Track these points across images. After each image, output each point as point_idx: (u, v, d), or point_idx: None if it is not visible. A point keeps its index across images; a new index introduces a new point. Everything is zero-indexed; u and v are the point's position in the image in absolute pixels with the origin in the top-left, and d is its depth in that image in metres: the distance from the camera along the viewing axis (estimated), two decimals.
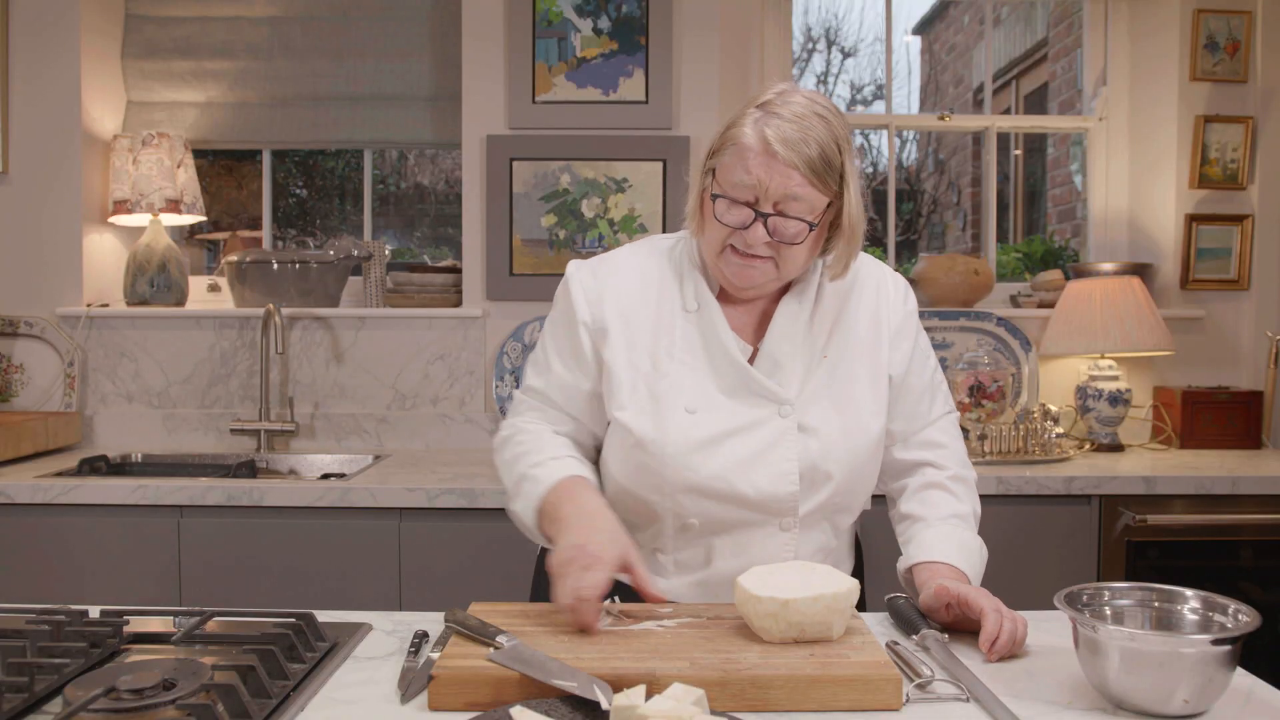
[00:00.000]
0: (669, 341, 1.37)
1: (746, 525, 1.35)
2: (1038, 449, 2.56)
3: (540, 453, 1.36)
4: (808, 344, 1.38)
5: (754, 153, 1.27)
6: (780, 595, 1.12)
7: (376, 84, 2.98)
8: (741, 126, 1.29)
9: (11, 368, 2.85)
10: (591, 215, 2.82)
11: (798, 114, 1.27)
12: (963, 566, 1.34)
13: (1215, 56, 2.94)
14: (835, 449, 1.34)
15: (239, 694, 0.97)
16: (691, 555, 1.38)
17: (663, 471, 1.33)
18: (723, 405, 1.34)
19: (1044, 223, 5.20)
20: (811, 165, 1.26)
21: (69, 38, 2.80)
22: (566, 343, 1.41)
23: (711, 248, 1.34)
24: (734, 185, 1.29)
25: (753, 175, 1.27)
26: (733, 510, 1.34)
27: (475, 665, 1.05)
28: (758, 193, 1.27)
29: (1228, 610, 1.07)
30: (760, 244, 1.29)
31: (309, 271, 2.86)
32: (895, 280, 1.47)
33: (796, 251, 1.31)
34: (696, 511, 1.34)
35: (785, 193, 1.27)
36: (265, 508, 2.23)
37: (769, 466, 1.33)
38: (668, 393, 1.34)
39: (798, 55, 8.94)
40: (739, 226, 1.29)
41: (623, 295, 1.39)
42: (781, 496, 1.33)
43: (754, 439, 1.33)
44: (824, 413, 1.35)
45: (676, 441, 1.32)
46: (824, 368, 1.37)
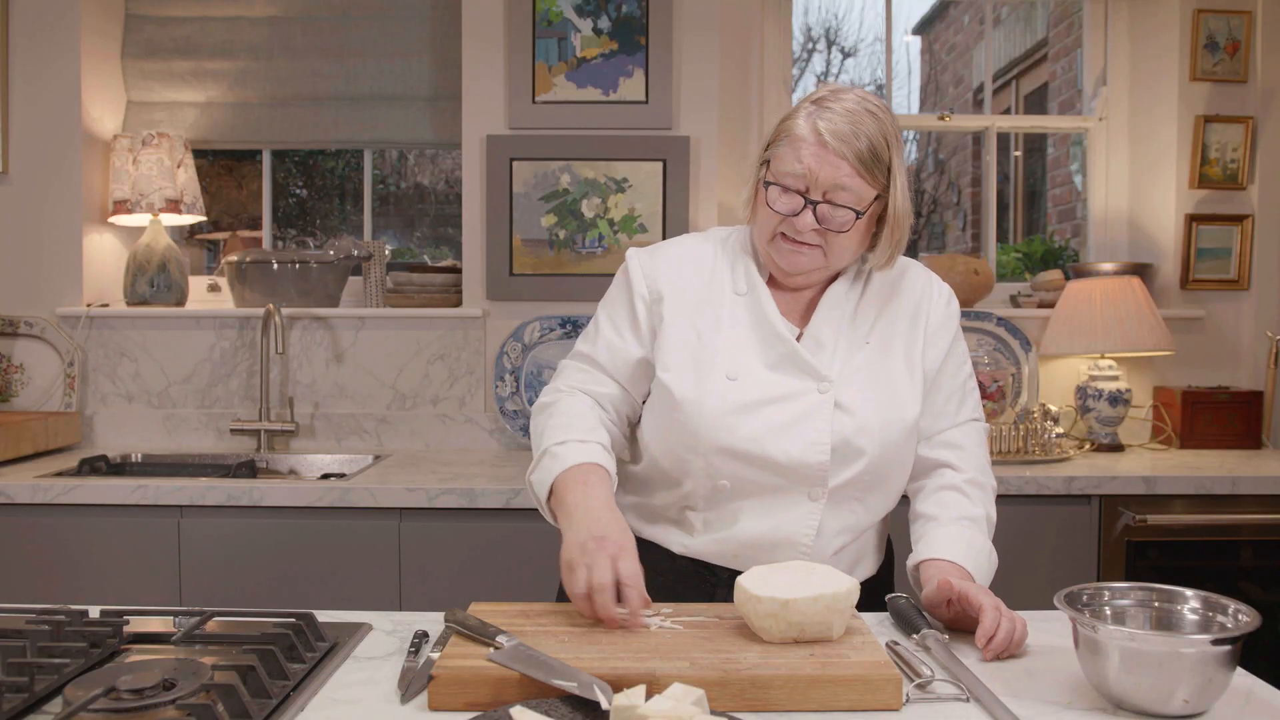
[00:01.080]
0: (716, 317, 1.42)
1: (776, 491, 1.38)
2: (1038, 449, 2.56)
3: (570, 430, 1.38)
4: (851, 330, 1.43)
5: (806, 143, 1.33)
6: (780, 595, 1.12)
7: (376, 84, 2.98)
8: (796, 119, 1.36)
9: (11, 368, 2.85)
10: (591, 215, 2.82)
11: (849, 109, 1.34)
12: (968, 566, 1.34)
13: (1215, 56, 2.94)
14: (870, 427, 1.38)
15: (239, 694, 0.97)
16: (719, 515, 1.41)
17: (699, 431, 1.37)
18: (764, 376, 1.39)
19: (1044, 223, 5.20)
20: (860, 157, 1.32)
21: (69, 38, 2.80)
22: (620, 309, 1.47)
23: (763, 234, 1.40)
24: (786, 174, 1.35)
25: (804, 164, 1.33)
26: (763, 474, 1.37)
27: (475, 665, 1.05)
28: (808, 182, 1.33)
29: (1228, 610, 1.07)
30: (809, 230, 1.34)
31: (309, 271, 2.86)
32: (941, 286, 1.52)
33: (844, 240, 1.36)
34: (729, 473, 1.37)
35: (834, 182, 1.33)
36: (265, 508, 2.23)
37: (802, 435, 1.36)
38: (711, 360, 1.39)
39: (798, 55, 8.93)
40: (789, 213, 1.35)
41: (677, 273, 1.46)
42: (811, 464, 1.36)
43: (791, 408, 1.37)
44: (861, 393, 1.39)
45: (714, 404, 1.37)
46: (864, 352, 1.42)
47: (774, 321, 1.40)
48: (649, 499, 1.48)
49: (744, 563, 1.39)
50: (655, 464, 1.44)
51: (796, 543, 1.39)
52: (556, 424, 1.40)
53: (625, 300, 1.47)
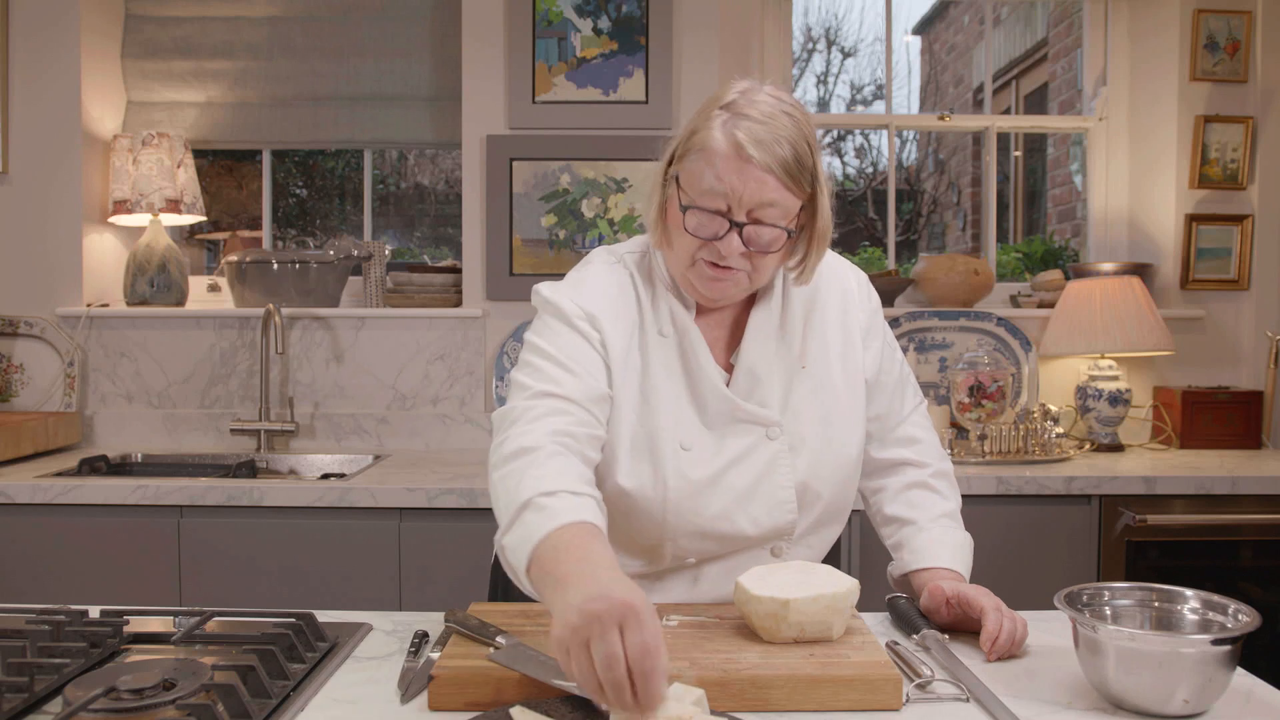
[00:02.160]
0: (656, 371, 1.29)
1: (740, 553, 1.33)
2: (1038, 449, 2.56)
3: (558, 481, 1.10)
4: (782, 354, 1.33)
5: (724, 157, 1.19)
6: (780, 595, 1.12)
7: (376, 84, 2.98)
8: (709, 130, 1.21)
9: (11, 368, 2.85)
10: (591, 215, 2.82)
11: (766, 114, 1.20)
12: (959, 568, 1.34)
13: (1215, 56, 2.94)
14: (823, 467, 1.32)
15: (239, 694, 0.97)
16: (678, 580, 1.36)
17: (664, 518, 1.28)
18: (707, 436, 1.29)
19: (1044, 223, 5.20)
20: (786, 167, 1.19)
21: (69, 38, 2.80)
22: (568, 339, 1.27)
23: (681, 261, 1.26)
24: (704, 194, 1.20)
25: (724, 182, 1.19)
26: (733, 545, 1.32)
27: (475, 665, 1.05)
28: (730, 201, 1.20)
29: (1228, 610, 1.07)
30: (735, 255, 1.21)
31: (309, 271, 2.86)
32: (857, 276, 1.43)
33: (770, 260, 1.25)
34: (696, 550, 1.32)
35: (760, 199, 1.19)
36: (265, 508, 2.23)
37: (767, 497, 1.30)
38: (659, 430, 1.27)
39: (798, 55, 8.94)
40: (712, 239, 1.21)
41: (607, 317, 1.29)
42: (782, 527, 1.32)
43: (749, 469, 1.29)
44: (810, 428, 1.32)
45: (677, 486, 1.26)
46: (802, 380, 1.33)
47: (708, 371, 1.28)
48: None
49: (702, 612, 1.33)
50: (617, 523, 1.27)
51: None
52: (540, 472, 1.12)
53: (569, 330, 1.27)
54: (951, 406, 2.75)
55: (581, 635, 0.90)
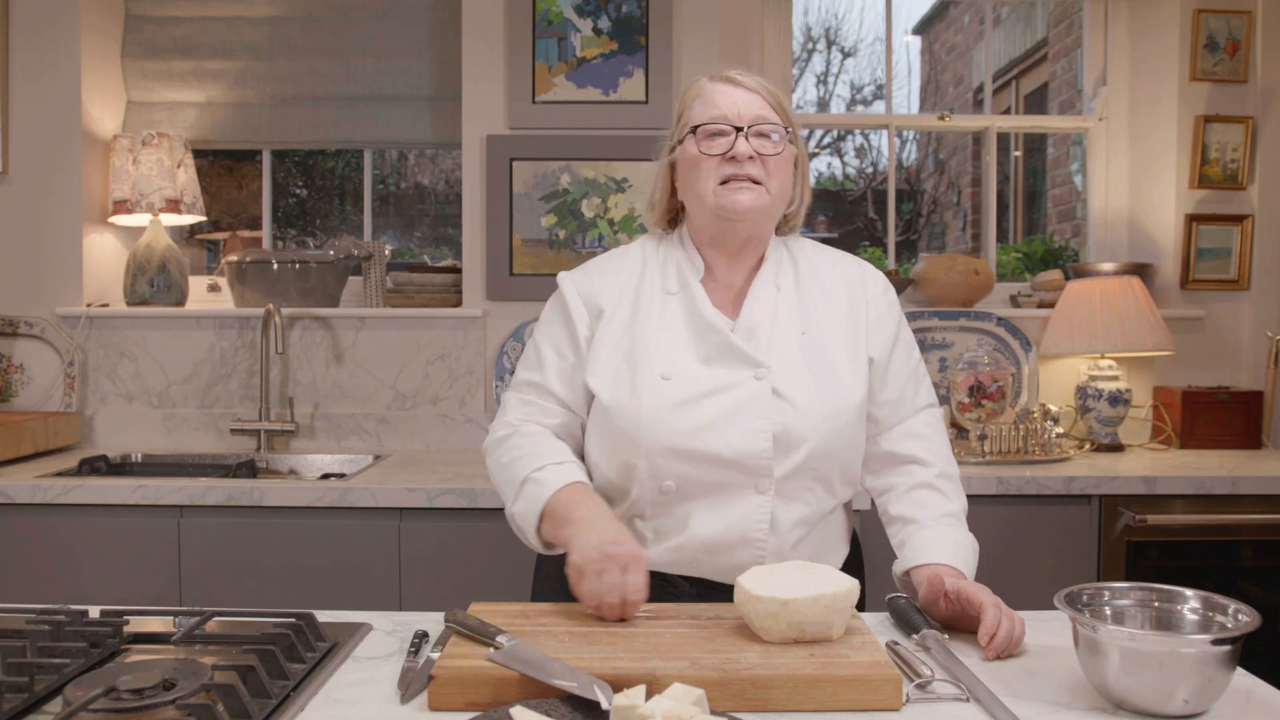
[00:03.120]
0: (647, 320, 1.42)
1: (722, 488, 1.36)
2: (1038, 449, 2.56)
3: (543, 456, 1.37)
4: (785, 321, 1.42)
5: (718, 90, 1.41)
6: (780, 595, 1.12)
7: (376, 84, 2.98)
8: (699, 83, 1.46)
9: (11, 368, 2.85)
10: (591, 215, 2.82)
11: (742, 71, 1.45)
12: (960, 566, 1.35)
13: (1215, 56, 2.94)
14: (810, 414, 1.36)
15: (239, 694, 0.97)
16: (669, 522, 1.39)
17: (637, 434, 1.35)
18: (699, 371, 1.38)
19: (1044, 223, 5.20)
20: (769, 92, 1.42)
21: (69, 38, 2.80)
22: (561, 333, 1.46)
23: (704, 191, 1.40)
24: (709, 118, 1.40)
25: (721, 107, 1.39)
26: (708, 470, 1.35)
27: (475, 665, 1.06)
28: (730, 118, 1.39)
29: (1228, 610, 1.07)
30: (747, 160, 1.37)
31: (309, 271, 2.86)
32: (875, 274, 1.52)
33: (780, 174, 1.41)
34: (672, 473, 1.36)
35: (755, 114, 1.39)
36: (265, 508, 2.23)
37: (742, 424, 1.35)
38: (645, 362, 1.39)
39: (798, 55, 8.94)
40: (724, 152, 1.38)
41: (609, 286, 1.46)
42: (754, 453, 1.34)
43: (728, 399, 1.36)
44: (800, 381, 1.38)
45: (651, 406, 1.36)
46: (801, 343, 1.41)
47: (706, 314, 1.40)
48: None
49: (701, 568, 1.38)
50: (602, 477, 1.42)
51: (751, 539, 1.36)
52: (524, 452, 1.38)
53: (564, 323, 1.46)
54: (951, 406, 2.75)
55: (596, 566, 1.21)
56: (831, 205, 9.40)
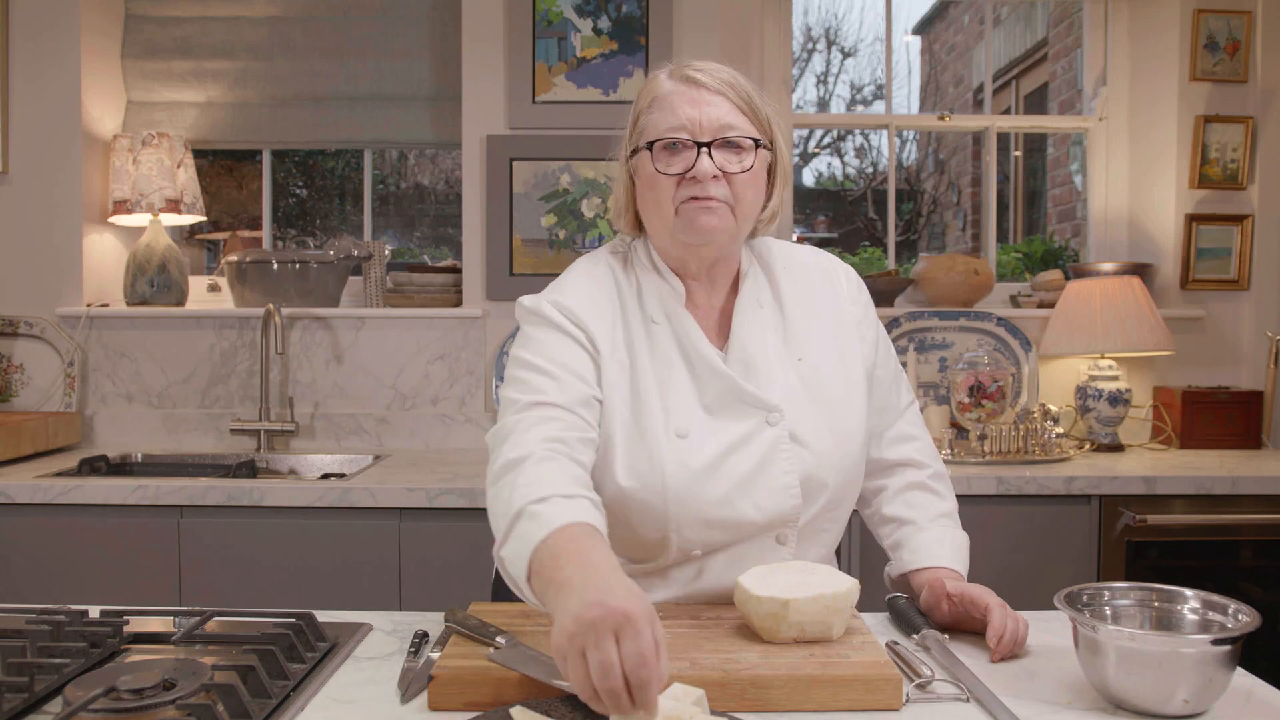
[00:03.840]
0: (639, 357, 1.29)
1: (744, 542, 1.30)
2: (1038, 449, 2.56)
3: (549, 486, 1.09)
4: (778, 347, 1.33)
5: (676, 94, 1.25)
6: (780, 595, 1.12)
7: (376, 84, 2.98)
8: (656, 82, 1.28)
9: (11, 368, 2.85)
10: (591, 215, 2.82)
11: (710, 64, 1.28)
12: (959, 567, 1.34)
13: (1215, 56, 2.94)
14: (828, 456, 1.29)
15: (239, 694, 0.97)
16: (681, 573, 1.31)
17: (665, 509, 1.24)
18: (710, 424, 1.27)
19: (1044, 223, 5.20)
20: (737, 91, 1.25)
21: (69, 38, 2.80)
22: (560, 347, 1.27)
23: (665, 213, 1.26)
24: (666, 130, 1.24)
25: (681, 114, 1.24)
26: (738, 535, 1.28)
27: (475, 665, 1.06)
28: (691, 129, 1.23)
29: (1228, 610, 1.07)
30: (711, 179, 1.22)
31: (309, 271, 2.86)
32: (846, 271, 1.43)
33: (748, 191, 1.26)
34: (701, 541, 1.27)
35: (719, 121, 1.23)
36: (265, 508, 2.23)
37: (770, 481, 1.27)
38: (651, 415, 1.25)
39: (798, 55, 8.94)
40: (684, 170, 1.23)
41: (591, 314, 1.29)
42: (786, 512, 1.28)
43: (750, 455, 1.26)
44: (810, 420, 1.29)
45: (676, 474, 1.23)
46: (798, 371, 1.32)
47: (705, 354, 1.28)
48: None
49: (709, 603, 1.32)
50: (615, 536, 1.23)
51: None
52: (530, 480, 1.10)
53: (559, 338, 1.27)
54: (951, 406, 2.75)
55: (578, 643, 0.88)
56: (831, 205, 9.40)
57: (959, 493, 2.31)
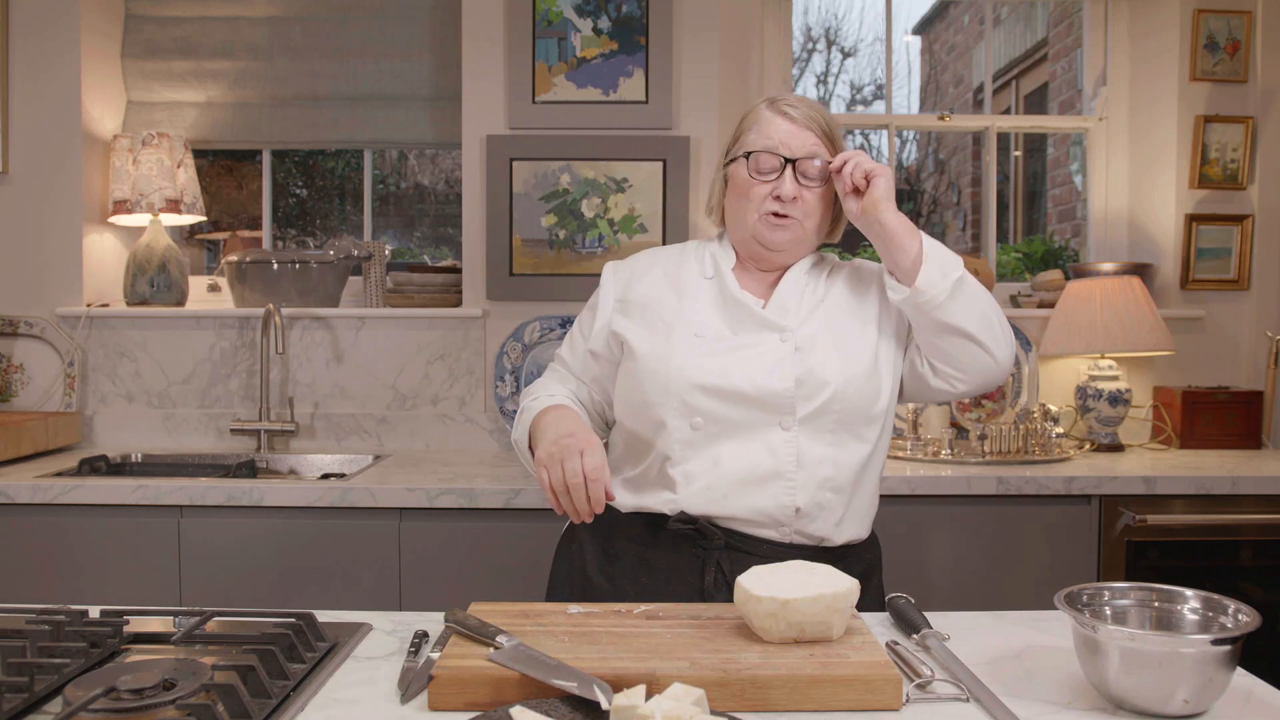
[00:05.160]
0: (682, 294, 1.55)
1: (749, 425, 1.44)
2: (1038, 449, 2.56)
3: (539, 391, 1.59)
4: (812, 299, 1.54)
5: (773, 123, 1.52)
6: (780, 595, 1.12)
7: (376, 84, 2.98)
8: (758, 112, 1.56)
9: (11, 368, 2.85)
10: (591, 215, 2.81)
11: (803, 101, 1.56)
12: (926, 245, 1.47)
13: (1215, 56, 2.94)
14: (831, 360, 1.46)
15: (239, 694, 0.97)
16: (700, 464, 1.46)
17: (668, 373, 1.46)
18: (728, 334, 1.50)
19: (1044, 223, 5.20)
20: (823, 128, 1.52)
21: (69, 38, 2.80)
22: (589, 313, 1.62)
23: (747, 217, 1.52)
24: (763, 145, 1.51)
25: (775, 137, 1.51)
26: (734, 408, 1.44)
27: (475, 665, 1.06)
28: (782, 150, 1.50)
29: (1228, 610, 1.07)
30: (791, 197, 1.48)
31: (309, 271, 2.86)
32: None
33: (818, 207, 1.52)
34: (701, 408, 1.44)
35: (805, 148, 1.50)
36: (265, 508, 2.23)
37: (766, 368, 1.45)
38: (679, 322, 1.51)
39: (798, 55, 8.94)
40: (772, 176, 1.50)
41: (647, 271, 1.60)
42: (777, 391, 1.44)
43: (754, 353, 1.47)
44: (821, 340, 1.49)
45: (682, 351, 1.47)
46: (822, 310, 1.53)
47: (736, 294, 1.52)
48: (633, 468, 1.53)
49: (734, 506, 1.44)
50: (633, 426, 1.52)
51: (781, 472, 1.44)
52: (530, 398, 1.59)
53: (594, 304, 1.63)
54: (952, 406, 2.75)
55: (555, 455, 1.34)
56: None
57: (959, 493, 2.33)
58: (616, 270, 1.63)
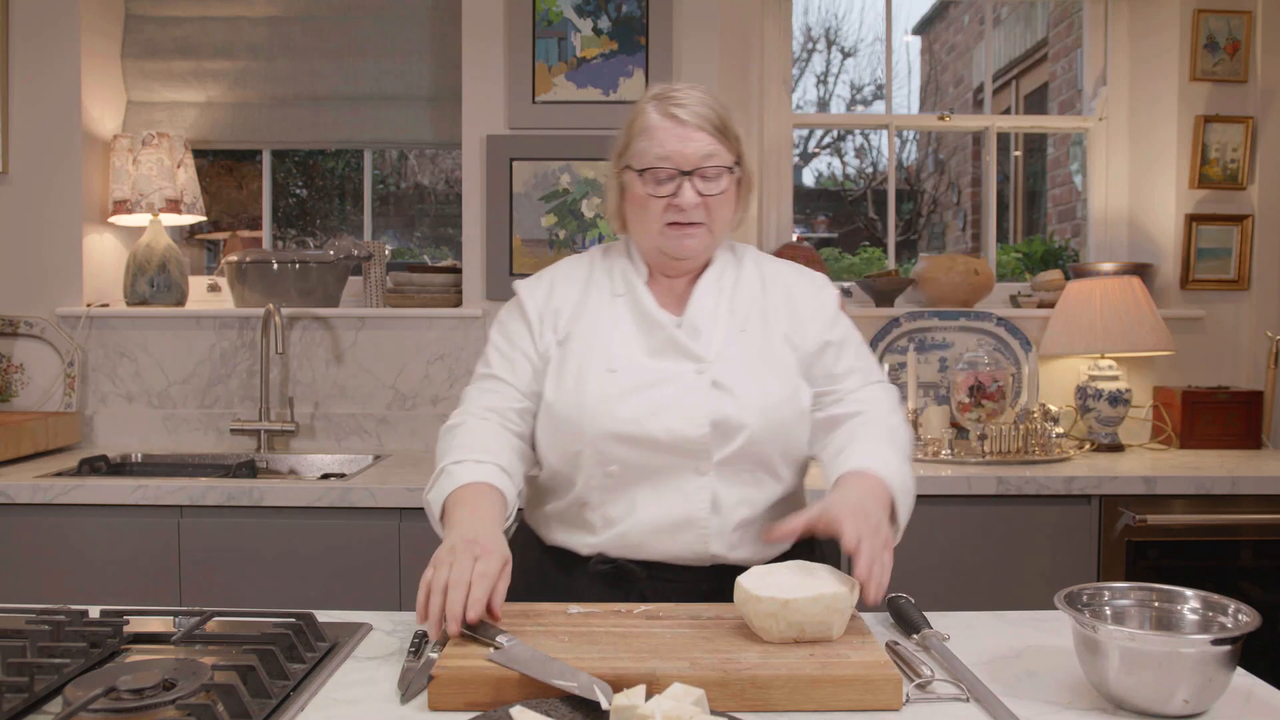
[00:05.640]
0: (595, 321, 1.48)
1: (664, 471, 1.40)
2: (1038, 449, 2.56)
3: (468, 451, 1.39)
4: (728, 317, 1.48)
5: (662, 129, 1.43)
6: (780, 595, 1.12)
7: (376, 84, 2.98)
8: (645, 114, 1.46)
9: (11, 368, 2.85)
10: (591, 215, 2.82)
11: (691, 95, 1.47)
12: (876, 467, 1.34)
13: (1215, 56, 2.95)
14: (749, 400, 1.40)
15: (239, 694, 0.97)
16: (616, 509, 1.42)
17: (581, 422, 1.40)
18: (644, 364, 1.44)
19: (1044, 223, 5.21)
20: (714, 124, 1.44)
21: (69, 38, 2.80)
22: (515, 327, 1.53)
23: (651, 228, 1.45)
24: (655, 160, 1.43)
25: (667, 147, 1.42)
26: (648, 455, 1.39)
27: (475, 665, 1.06)
28: (676, 161, 1.42)
29: (1228, 610, 1.07)
30: (693, 206, 1.42)
31: (309, 271, 2.86)
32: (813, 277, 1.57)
33: (723, 210, 1.46)
34: (615, 457, 1.40)
35: (699, 153, 1.42)
36: (265, 508, 2.23)
37: (679, 412, 1.39)
38: (592, 357, 1.44)
39: (798, 55, 8.94)
40: (671, 194, 1.42)
41: (560, 291, 1.53)
42: (692, 439, 1.38)
43: (669, 390, 1.41)
44: (738, 373, 1.42)
45: (595, 395, 1.41)
46: (742, 338, 1.46)
47: (652, 312, 1.46)
48: (553, 505, 1.49)
49: (649, 551, 1.41)
50: (551, 467, 1.47)
51: (694, 519, 1.40)
52: (458, 444, 1.41)
53: (519, 319, 1.53)
54: (951, 406, 2.75)
55: (448, 557, 1.19)
56: (831, 205, 9.40)
57: (959, 493, 2.32)
58: (530, 289, 1.54)
